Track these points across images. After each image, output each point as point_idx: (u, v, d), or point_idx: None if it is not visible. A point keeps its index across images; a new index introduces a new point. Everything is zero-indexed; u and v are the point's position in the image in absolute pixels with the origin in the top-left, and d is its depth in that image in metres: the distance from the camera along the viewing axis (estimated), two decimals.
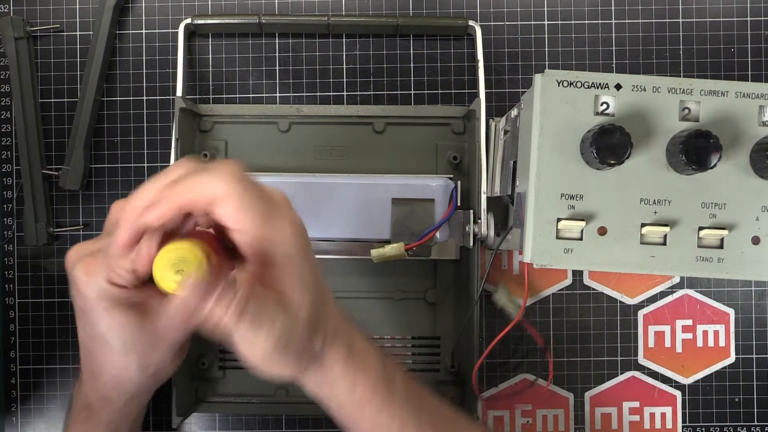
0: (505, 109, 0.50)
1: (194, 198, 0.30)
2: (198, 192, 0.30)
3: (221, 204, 0.30)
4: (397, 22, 0.49)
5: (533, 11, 0.51)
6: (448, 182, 0.46)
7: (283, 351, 0.32)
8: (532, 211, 0.35)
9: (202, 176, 0.30)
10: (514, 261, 0.51)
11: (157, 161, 0.51)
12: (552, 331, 0.51)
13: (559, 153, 0.35)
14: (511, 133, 0.42)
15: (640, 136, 0.35)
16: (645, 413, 0.51)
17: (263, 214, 0.31)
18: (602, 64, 0.51)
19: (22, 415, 0.51)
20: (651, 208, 0.35)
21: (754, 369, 0.50)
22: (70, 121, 0.50)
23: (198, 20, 0.49)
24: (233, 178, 0.30)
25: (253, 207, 0.30)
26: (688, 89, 0.35)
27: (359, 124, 0.49)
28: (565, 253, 0.35)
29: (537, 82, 0.35)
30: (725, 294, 0.50)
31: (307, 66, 0.51)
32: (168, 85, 0.51)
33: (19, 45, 0.49)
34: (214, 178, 0.30)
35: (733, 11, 0.50)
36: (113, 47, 0.50)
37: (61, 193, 0.51)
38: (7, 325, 0.51)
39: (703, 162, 0.33)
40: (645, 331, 0.51)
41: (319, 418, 0.50)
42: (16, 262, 0.51)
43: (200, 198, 0.30)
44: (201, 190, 0.30)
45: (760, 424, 0.50)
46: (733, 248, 0.35)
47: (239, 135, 0.49)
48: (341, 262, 0.49)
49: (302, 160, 0.49)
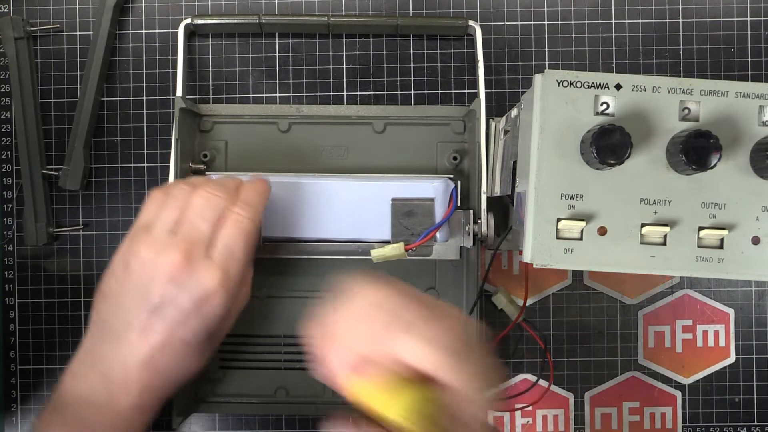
0: (505, 109, 0.50)
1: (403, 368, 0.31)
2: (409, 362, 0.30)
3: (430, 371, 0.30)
4: (397, 22, 0.49)
5: (533, 11, 0.51)
6: (448, 182, 0.46)
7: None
8: (532, 211, 0.35)
9: (415, 348, 0.30)
10: (514, 261, 0.51)
11: (157, 161, 0.51)
12: (552, 331, 0.51)
13: (559, 153, 0.35)
14: (511, 133, 0.42)
15: (640, 136, 0.35)
16: (645, 413, 0.51)
17: (456, 370, 0.30)
18: (602, 64, 0.51)
19: (22, 415, 0.51)
20: (651, 208, 0.35)
21: (754, 369, 0.50)
22: (70, 121, 0.50)
23: (198, 20, 0.49)
24: (444, 352, 0.30)
25: (449, 366, 0.30)
26: (688, 89, 0.35)
27: (359, 124, 0.49)
28: (565, 253, 0.35)
29: (537, 82, 0.35)
30: (725, 294, 0.50)
31: (307, 66, 0.51)
32: (168, 85, 0.51)
33: (19, 45, 0.49)
34: (428, 352, 0.30)
35: (733, 11, 0.50)
36: (113, 47, 0.50)
37: (61, 193, 0.51)
38: (7, 325, 0.51)
39: (703, 162, 0.33)
40: (645, 331, 0.51)
41: (320, 418, 0.50)
42: (16, 262, 0.51)
43: (411, 368, 0.31)
44: (413, 362, 0.30)
45: (760, 424, 0.50)
46: (733, 248, 0.35)
47: (239, 135, 0.49)
48: (341, 262, 0.49)
49: (302, 160, 0.49)
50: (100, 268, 0.51)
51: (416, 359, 0.30)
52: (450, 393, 0.31)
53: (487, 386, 0.31)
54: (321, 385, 0.49)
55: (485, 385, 0.31)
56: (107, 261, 0.50)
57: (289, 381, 0.49)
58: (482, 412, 0.32)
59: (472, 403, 0.31)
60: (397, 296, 0.32)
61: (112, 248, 0.51)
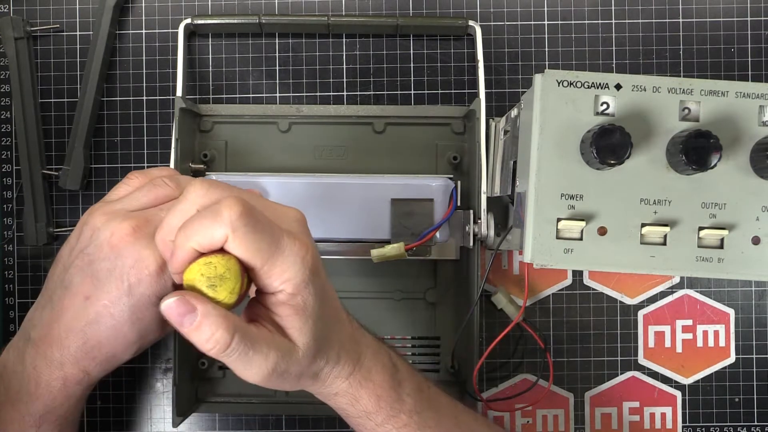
0: (505, 109, 0.50)
1: (205, 243, 0.31)
2: (206, 237, 0.30)
3: (229, 243, 0.30)
4: (397, 22, 0.49)
5: (533, 11, 0.51)
6: (448, 182, 0.46)
7: (278, 377, 0.33)
8: (532, 211, 0.35)
9: (208, 221, 0.30)
10: (514, 261, 0.51)
11: (157, 161, 0.51)
12: (552, 331, 0.51)
13: (559, 153, 0.35)
14: (511, 133, 0.42)
15: (640, 136, 0.35)
16: (645, 413, 0.51)
17: (271, 254, 0.31)
18: (602, 64, 0.51)
19: None
20: (651, 208, 0.35)
21: (754, 369, 0.50)
22: (70, 121, 0.50)
23: (198, 20, 0.49)
24: (235, 217, 0.30)
25: (259, 248, 0.31)
26: (688, 89, 0.35)
27: (359, 124, 0.49)
28: (565, 253, 0.35)
29: (537, 82, 0.35)
30: (725, 294, 0.50)
31: (307, 66, 0.51)
32: (168, 85, 0.51)
33: (19, 45, 0.49)
34: (217, 222, 0.30)
35: (733, 11, 0.50)
36: (113, 47, 0.50)
37: (61, 193, 0.51)
38: (7, 325, 0.50)
39: (703, 162, 0.33)
40: (645, 331, 0.51)
41: (319, 418, 0.50)
42: (16, 262, 0.51)
43: (210, 242, 0.31)
44: (209, 235, 0.30)
45: (760, 424, 0.50)
46: (733, 248, 0.35)
47: (239, 135, 0.49)
48: (341, 263, 0.49)
49: (302, 160, 0.49)
50: None
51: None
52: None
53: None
54: None
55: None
56: None
57: None
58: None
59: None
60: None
61: None
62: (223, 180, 0.46)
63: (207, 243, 0.30)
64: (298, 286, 0.32)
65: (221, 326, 0.30)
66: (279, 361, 0.32)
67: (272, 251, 0.31)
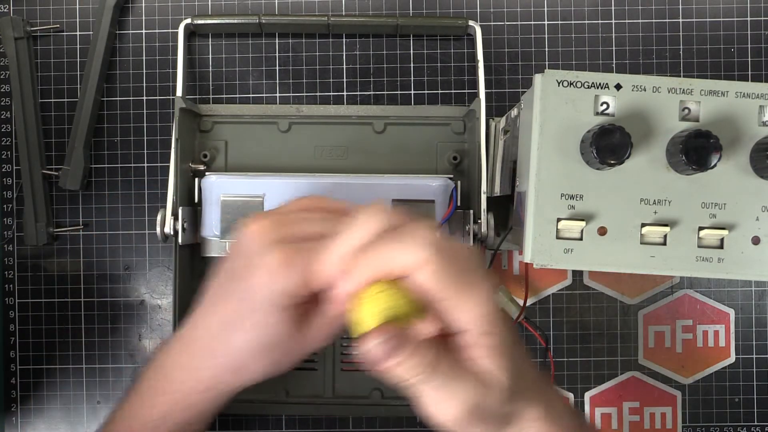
0: (505, 109, 0.50)
1: (391, 269, 0.29)
2: (395, 263, 0.29)
3: (417, 271, 0.29)
4: (397, 22, 0.49)
5: (533, 11, 0.51)
6: (448, 182, 0.46)
7: (476, 418, 0.30)
8: (532, 211, 0.35)
9: (398, 246, 0.29)
10: (514, 261, 0.51)
11: (157, 161, 0.51)
12: (552, 331, 0.51)
13: (559, 153, 0.35)
14: (511, 133, 0.42)
15: (640, 136, 0.35)
16: (645, 413, 0.51)
17: (463, 288, 0.30)
18: (602, 64, 0.51)
19: (22, 415, 0.51)
20: (651, 208, 0.35)
21: (754, 369, 0.50)
22: (70, 121, 0.50)
23: (198, 20, 0.49)
24: (431, 248, 0.29)
25: (453, 279, 0.29)
26: (688, 89, 0.35)
27: (359, 124, 0.49)
28: (565, 253, 0.35)
29: (537, 82, 0.35)
30: (725, 294, 0.50)
31: (307, 66, 0.51)
32: (168, 85, 0.51)
33: (19, 45, 0.49)
34: (412, 249, 0.29)
35: (733, 11, 0.50)
36: (113, 47, 0.50)
37: (61, 193, 0.51)
38: (7, 325, 0.51)
39: (703, 162, 0.33)
40: (645, 331, 0.51)
41: (320, 419, 0.50)
42: (16, 262, 0.51)
43: (397, 269, 0.29)
44: (398, 262, 0.29)
45: (760, 424, 0.50)
46: (733, 248, 0.35)
47: (239, 135, 0.49)
48: None
49: (302, 160, 0.49)
50: (100, 268, 0.51)
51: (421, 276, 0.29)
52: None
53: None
54: (321, 385, 0.49)
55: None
56: (107, 261, 0.51)
57: (289, 381, 0.49)
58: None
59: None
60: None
61: (112, 248, 0.51)
62: (223, 180, 0.46)
63: (397, 268, 0.29)
64: (491, 323, 0.30)
65: (430, 350, 0.29)
66: (480, 392, 0.30)
67: (467, 282, 0.30)
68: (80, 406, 0.51)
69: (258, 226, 0.34)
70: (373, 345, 0.29)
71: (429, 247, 0.29)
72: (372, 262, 0.29)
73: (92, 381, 0.51)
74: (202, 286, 0.37)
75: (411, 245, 0.29)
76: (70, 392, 0.50)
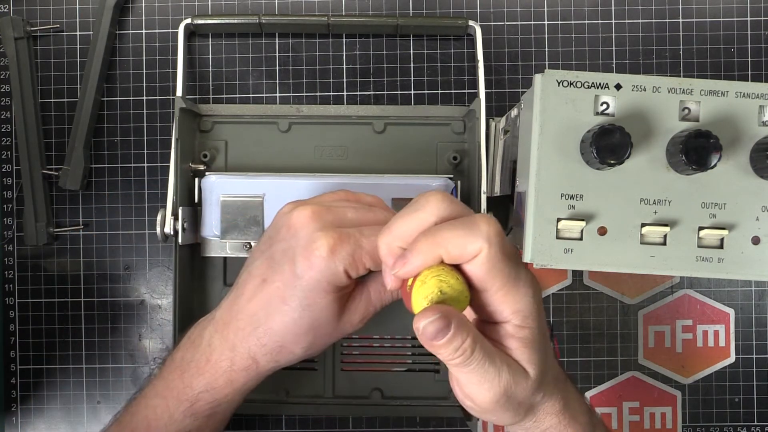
0: (505, 109, 0.50)
1: (455, 254, 0.30)
2: (456, 250, 0.30)
3: (474, 262, 0.30)
4: (397, 22, 0.49)
5: (533, 11, 0.51)
6: (448, 182, 0.46)
7: (504, 404, 0.32)
8: (532, 211, 0.35)
9: (462, 234, 0.30)
10: None
11: (157, 161, 0.51)
12: (552, 331, 0.50)
13: (559, 153, 0.35)
14: (511, 133, 0.42)
15: (640, 136, 0.35)
16: (645, 413, 0.51)
17: (510, 282, 0.31)
18: (602, 64, 0.51)
19: (22, 415, 0.51)
20: (651, 208, 0.35)
21: (754, 369, 0.50)
22: (70, 121, 0.50)
23: (198, 20, 0.49)
24: (491, 240, 0.30)
25: (503, 273, 0.31)
26: (688, 89, 0.35)
27: (359, 124, 0.49)
28: (565, 253, 0.35)
29: (537, 82, 0.35)
30: (725, 294, 0.50)
31: (307, 66, 0.51)
32: (168, 85, 0.51)
33: (19, 45, 0.49)
34: (474, 238, 0.30)
35: (733, 11, 0.50)
36: (113, 47, 0.50)
37: (61, 193, 0.51)
38: (7, 325, 0.51)
39: (703, 162, 0.33)
40: (645, 331, 0.51)
41: (320, 419, 0.50)
42: (16, 262, 0.51)
43: (461, 253, 0.30)
44: (460, 249, 0.30)
45: (760, 424, 0.50)
46: (733, 248, 0.35)
47: (239, 135, 0.49)
48: None
49: (302, 160, 0.49)
50: (100, 268, 0.51)
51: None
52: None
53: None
54: (321, 384, 0.49)
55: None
56: (107, 261, 0.51)
57: (290, 381, 0.49)
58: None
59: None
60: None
61: (112, 248, 0.51)
62: (223, 180, 0.46)
63: (457, 254, 0.30)
64: (527, 318, 0.32)
65: (470, 335, 0.30)
66: (510, 380, 0.32)
67: (513, 277, 0.31)
68: (80, 406, 0.51)
69: (308, 211, 0.35)
70: (426, 323, 0.30)
71: (490, 239, 0.30)
72: (435, 246, 0.31)
73: (92, 381, 0.51)
74: (202, 286, 0.37)
75: (475, 235, 0.30)
76: (70, 392, 0.50)
